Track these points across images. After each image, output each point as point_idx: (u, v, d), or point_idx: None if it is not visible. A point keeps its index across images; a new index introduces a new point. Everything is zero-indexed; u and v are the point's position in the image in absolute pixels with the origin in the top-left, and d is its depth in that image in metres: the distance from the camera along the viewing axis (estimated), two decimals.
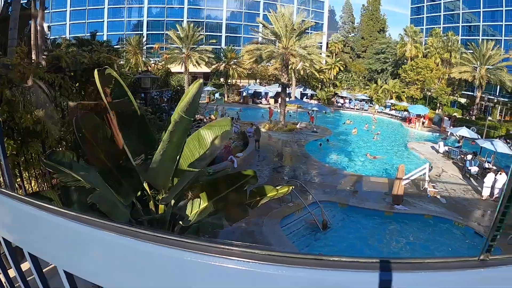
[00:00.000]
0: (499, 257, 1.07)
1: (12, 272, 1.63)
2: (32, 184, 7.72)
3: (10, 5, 13.89)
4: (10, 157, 6.41)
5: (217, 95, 56.13)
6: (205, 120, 26.80)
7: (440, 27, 68.62)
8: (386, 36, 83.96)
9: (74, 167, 5.13)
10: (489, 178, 18.68)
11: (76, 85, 8.46)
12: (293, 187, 6.87)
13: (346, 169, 23.50)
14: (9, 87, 6.27)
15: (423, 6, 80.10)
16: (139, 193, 5.39)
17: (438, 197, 18.19)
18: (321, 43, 73.10)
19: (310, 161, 23.92)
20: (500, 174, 18.59)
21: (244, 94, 54.72)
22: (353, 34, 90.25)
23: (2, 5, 16.10)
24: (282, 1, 76.17)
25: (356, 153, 28.71)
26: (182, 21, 70.07)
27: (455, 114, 48.56)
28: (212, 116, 33.13)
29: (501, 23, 62.05)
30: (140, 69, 35.34)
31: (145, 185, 5.06)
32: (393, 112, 52.10)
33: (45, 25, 13.95)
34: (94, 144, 5.02)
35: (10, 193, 1.46)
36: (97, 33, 48.69)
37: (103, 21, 73.70)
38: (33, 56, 11.21)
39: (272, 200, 6.07)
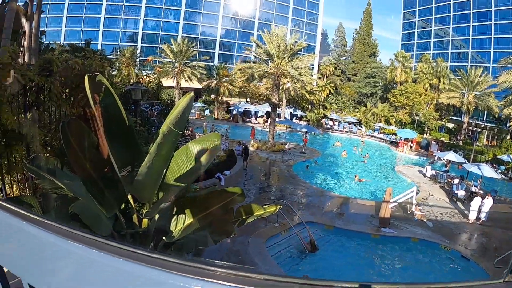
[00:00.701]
0: None
1: None
2: (14, 189, 7.52)
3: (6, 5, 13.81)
4: None
5: (207, 111, 55.99)
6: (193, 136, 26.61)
7: (430, 53, 70.41)
8: (376, 60, 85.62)
9: (58, 174, 4.99)
10: (475, 202, 18.76)
11: (66, 90, 8.31)
12: (281, 206, 6.75)
13: (333, 190, 23.39)
14: None
15: (414, 32, 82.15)
16: (123, 205, 5.23)
17: (425, 220, 18.19)
18: (312, 65, 74.18)
19: (298, 181, 23.80)
20: (487, 198, 18.74)
21: (234, 112, 54.54)
22: (344, 58, 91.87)
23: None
24: (276, 21, 77.46)
25: (344, 175, 28.67)
26: (177, 35, 70.73)
27: (442, 138, 49.24)
28: (198, 134, 32.74)
29: (490, 51, 63.83)
30: (132, 80, 35.21)
31: (130, 197, 4.91)
32: (381, 135, 52.57)
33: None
34: (79, 152, 4.86)
35: None
36: (92, 42, 48.67)
37: (99, 30, 74.03)
38: (26, 58, 11.10)
39: (258, 220, 5.94)
